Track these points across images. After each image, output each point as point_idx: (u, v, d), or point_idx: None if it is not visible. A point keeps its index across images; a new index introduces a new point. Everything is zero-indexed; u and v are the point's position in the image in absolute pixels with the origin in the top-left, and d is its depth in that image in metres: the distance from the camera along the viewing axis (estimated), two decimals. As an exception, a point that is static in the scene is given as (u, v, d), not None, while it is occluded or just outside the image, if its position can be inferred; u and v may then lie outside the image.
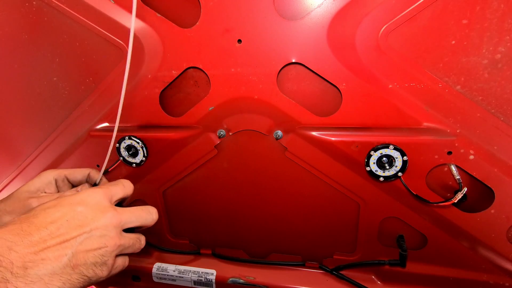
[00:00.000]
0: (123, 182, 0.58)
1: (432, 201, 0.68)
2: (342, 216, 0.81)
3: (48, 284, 0.41)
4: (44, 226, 0.44)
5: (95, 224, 0.47)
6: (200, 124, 0.77)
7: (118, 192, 0.55)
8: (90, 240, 0.46)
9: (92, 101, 0.81)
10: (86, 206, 0.48)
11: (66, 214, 0.46)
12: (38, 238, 0.42)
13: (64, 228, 0.45)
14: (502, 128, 0.61)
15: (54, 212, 0.46)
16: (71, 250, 0.44)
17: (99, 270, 0.47)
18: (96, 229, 0.47)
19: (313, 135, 0.71)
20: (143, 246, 0.56)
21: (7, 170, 0.98)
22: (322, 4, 0.61)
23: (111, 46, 0.74)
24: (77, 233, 0.45)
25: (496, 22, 0.56)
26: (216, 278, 0.92)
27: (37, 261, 0.41)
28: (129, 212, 0.53)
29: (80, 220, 0.47)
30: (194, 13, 0.68)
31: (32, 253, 0.41)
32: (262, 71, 0.68)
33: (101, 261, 0.47)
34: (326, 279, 0.89)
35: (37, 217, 0.45)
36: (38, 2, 0.73)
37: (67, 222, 0.46)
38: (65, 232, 0.45)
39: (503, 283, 0.74)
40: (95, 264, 0.46)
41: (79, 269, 0.45)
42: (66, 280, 0.43)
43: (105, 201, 0.51)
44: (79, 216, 0.47)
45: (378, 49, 0.62)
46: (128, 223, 0.52)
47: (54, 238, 0.43)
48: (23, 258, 0.40)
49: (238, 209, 0.88)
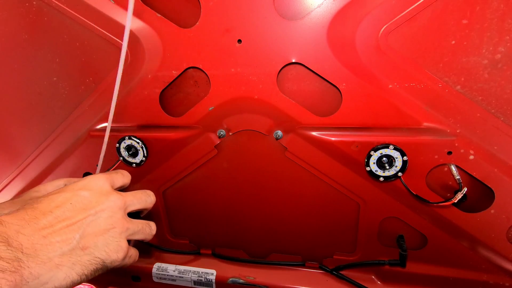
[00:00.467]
0: (121, 171, 0.59)
1: (432, 201, 0.68)
2: (342, 216, 0.81)
3: (58, 265, 0.41)
4: (49, 211, 0.44)
5: (100, 207, 0.48)
6: (200, 124, 0.77)
7: (118, 179, 0.56)
8: (97, 222, 0.47)
9: (92, 101, 0.81)
10: (89, 191, 0.49)
11: (70, 198, 0.47)
12: (45, 222, 0.43)
13: (69, 211, 0.45)
14: (502, 128, 0.61)
15: (57, 197, 0.47)
16: (78, 233, 0.45)
17: (113, 252, 0.47)
18: (101, 211, 0.48)
19: (313, 135, 0.71)
20: (154, 232, 0.57)
21: (7, 170, 0.98)
22: (322, 4, 0.61)
23: (111, 46, 0.74)
24: (82, 216, 0.46)
25: (496, 22, 0.56)
26: (216, 278, 0.92)
27: (45, 244, 0.41)
28: (131, 195, 0.54)
29: (85, 204, 0.47)
30: (194, 13, 0.68)
31: (41, 237, 0.41)
32: (262, 71, 0.68)
33: (112, 242, 0.48)
34: (326, 279, 0.89)
35: (41, 203, 0.45)
36: (38, 2, 0.73)
37: (72, 205, 0.46)
38: (70, 215, 0.45)
39: (503, 283, 0.74)
40: (107, 245, 0.47)
41: (90, 250, 0.45)
42: (76, 261, 0.43)
43: (107, 186, 0.52)
44: (83, 200, 0.47)
45: (378, 49, 0.62)
46: (131, 206, 0.53)
47: (61, 222, 0.44)
48: (31, 240, 0.40)
49: (238, 209, 0.88)
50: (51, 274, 0.41)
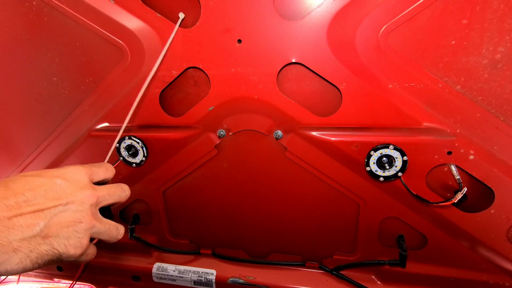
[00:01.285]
0: (106, 165, 0.58)
1: (432, 201, 0.68)
2: (342, 216, 0.81)
3: (15, 250, 0.41)
4: (21, 192, 0.44)
5: (72, 198, 0.47)
6: (200, 124, 0.77)
7: (99, 173, 0.55)
8: (65, 213, 0.46)
9: (92, 101, 0.81)
10: (66, 180, 0.48)
11: (45, 184, 0.46)
12: (14, 202, 0.42)
13: (41, 197, 0.45)
14: (502, 128, 0.61)
15: (33, 180, 0.46)
16: (44, 221, 0.44)
17: (71, 247, 0.47)
18: (72, 203, 0.47)
19: (313, 135, 0.71)
20: (120, 236, 0.56)
21: (7, 170, 0.98)
22: (322, 4, 0.61)
23: (111, 46, 0.74)
24: (52, 204, 0.45)
25: (496, 22, 0.56)
26: (216, 278, 0.92)
27: (9, 227, 0.41)
28: (106, 190, 0.54)
29: (58, 193, 0.47)
30: (194, 13, 0.68)
31: (6, 218, 0.41)
32: (262, 71, 0.68)
33: (74, 237, 0.47)
34: (326, 279, 0.89)
35: (15, 183, 0.45)
36: (38, 2, 0.73)
37: (45, 192, 0.46)
38: (41, 202, 0.45)
39: (503, 283, 0.74)
40: (68, 239, 0.46)
41: (50, 240, 0.44)
42: (34, 249, 0.43)
43: (85, 179, 0.51)
44: (57, 188, 0.47)
45: (378, 49, 0.62)
46: (104, 201, 0.53)
47: (29, 206, 0.44)
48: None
49: (238, 209, 0.88)
50: (5, 257, 0.40)
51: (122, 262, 1.03)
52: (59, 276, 1.12)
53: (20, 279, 1.15)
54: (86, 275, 1.08)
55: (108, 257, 1.05)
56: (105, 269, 1.05)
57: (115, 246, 1.04)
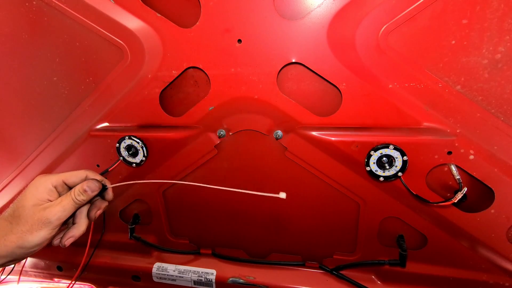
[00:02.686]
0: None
1: (432, 201, 0.68)
2: (342, 216, 0.81)
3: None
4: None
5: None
6: (200, 124, 0.77)
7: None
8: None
9: (92, 101, 0.81)
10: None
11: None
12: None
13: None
14: (502, 128, 0.61)
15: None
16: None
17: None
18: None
19: (313, 135, 0.71)
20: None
21: (7, 170, 0.98)
22: (322, 4, 0.61)
23: (111, 46, 0.74)
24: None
25: (496, 22, 0.56)
26: (216, 278, 0.92)
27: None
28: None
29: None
30: (194, 13, 0.68)
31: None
32: (262, 71, 0.68)
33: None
34: (326, 279, 0.89)
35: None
36: (38, 2, 0.73)
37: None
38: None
39: (503, 283, 0.74)
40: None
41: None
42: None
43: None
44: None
45: (378, 49, 0.62)
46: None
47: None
48: None
49: (238, 209, 0.88)
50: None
51: (122, 262, 1.03)
52: (59, 276, 1.12)
53: (20, 279, 1.15)
54: (86, 275, 1.08)
55: (108, 257, 1.05)
56: (105, 269, 1.05)
57: (115, 246, 1.05)
